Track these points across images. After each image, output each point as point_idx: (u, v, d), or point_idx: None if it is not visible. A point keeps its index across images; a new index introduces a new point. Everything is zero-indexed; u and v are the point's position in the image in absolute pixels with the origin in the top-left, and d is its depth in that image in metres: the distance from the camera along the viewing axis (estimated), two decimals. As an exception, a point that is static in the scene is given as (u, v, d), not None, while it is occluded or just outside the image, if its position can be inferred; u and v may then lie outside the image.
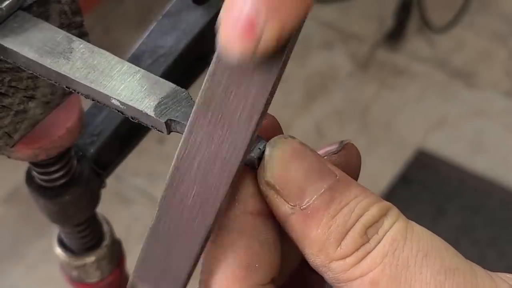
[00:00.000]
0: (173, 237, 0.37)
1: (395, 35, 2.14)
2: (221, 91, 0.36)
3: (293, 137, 0.38)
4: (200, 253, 0.37)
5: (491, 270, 0.37)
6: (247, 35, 0.32)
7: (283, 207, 0.37)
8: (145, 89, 0.41)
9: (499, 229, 1.76)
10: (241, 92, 0.36)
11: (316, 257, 0.37)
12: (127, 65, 0.42)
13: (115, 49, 0.48)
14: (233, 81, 0.36)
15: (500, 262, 1.69)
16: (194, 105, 0.40)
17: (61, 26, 0.51)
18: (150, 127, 0.41)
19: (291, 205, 0.37)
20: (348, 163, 0.40)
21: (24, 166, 0.68)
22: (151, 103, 0.40)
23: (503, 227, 1.77)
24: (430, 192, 1.83)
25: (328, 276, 0.37)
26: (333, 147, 0.41)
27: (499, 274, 0.36)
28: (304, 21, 0.34)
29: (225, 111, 0.36)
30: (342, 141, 0.41)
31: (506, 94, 2.03)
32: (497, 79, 2.06)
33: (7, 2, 0.45)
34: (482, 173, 1.86)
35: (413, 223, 0.37)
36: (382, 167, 1.87)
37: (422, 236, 0.36)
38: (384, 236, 0.36)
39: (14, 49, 0.43)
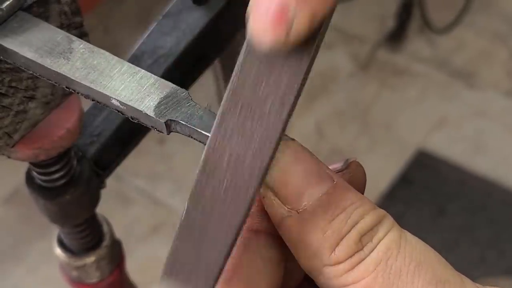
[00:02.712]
0: (204, 231, 0.37)
1: (396, 36, 2.14)
2: (251, 81, 0.35)
3: (293, 140, 0.38)
4: (233, 246, 0.36)
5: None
6: (278, 23, 0.32)
7: (280, 210, 0.37)
8: (145, 89, 0.41)
9: (499, 230, 1.76)
10: (272, 82, 0.35)
11: (309, 261, 0.37)
12: (127, 65, 0.42)
13: (115, 49, 0.48)
14: (263, 70, 0.35)
15: (500, 262, 1.68)
16: (194, 105, 0.40)
17: (61, 27, 0.51)
18: (150, 127, 0.41)
19: (288, 208, 0.37)
20: (353, 181, 0.39)
21: (24, 166, 0.68)
22: (151, 103, 0.40)
23: (503, 228, 1.77)
24: (430, 192, 1.83)
25: (320, 280, 0.37)
26: (338, 165, 0.40)
27: None
28: (335, 9, 0.34)
29: (255, 102, 0.35)
30: (347, 159, 0.41)
31: (506, 94, 2.03)
32: (498, 79, 2.06)
33: (7, 3, 0.45)
34: (483, 173, 1.85)
35: (407, 232, 0.37)
36: (382, 167, 1.87)
37: (415, 246, 0.36)
38: (378, 244, 0.36)
39: (14, 50, 0.43)
